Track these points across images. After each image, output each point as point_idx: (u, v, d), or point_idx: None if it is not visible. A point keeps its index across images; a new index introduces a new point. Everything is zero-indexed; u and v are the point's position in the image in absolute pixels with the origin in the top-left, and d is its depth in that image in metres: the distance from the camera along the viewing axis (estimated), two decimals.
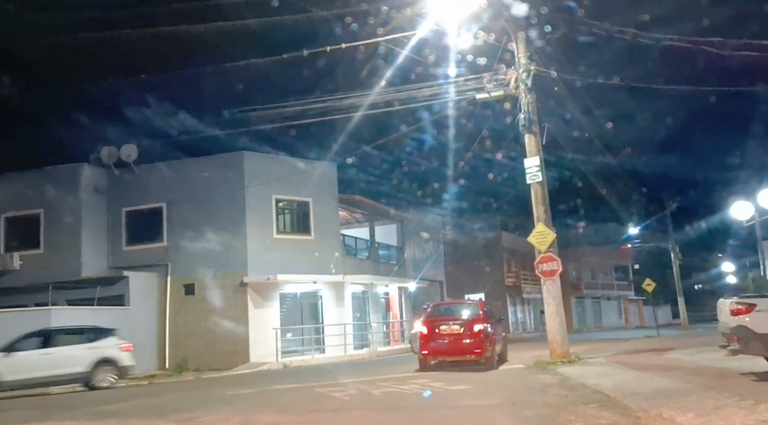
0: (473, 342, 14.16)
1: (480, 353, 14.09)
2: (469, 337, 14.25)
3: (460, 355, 14.50)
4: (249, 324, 21.30)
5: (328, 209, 24.03)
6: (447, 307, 17.32)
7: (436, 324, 14.75)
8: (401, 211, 28.97)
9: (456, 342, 14.38)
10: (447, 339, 14.42)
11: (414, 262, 30.13)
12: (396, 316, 28.35)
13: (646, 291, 30.42)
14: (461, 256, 41.93)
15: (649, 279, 30.46)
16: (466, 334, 14.30)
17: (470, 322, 14.49)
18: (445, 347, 14.47)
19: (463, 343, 14.30)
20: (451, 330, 14.49)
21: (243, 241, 21.66)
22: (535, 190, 14.68)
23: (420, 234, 31.40)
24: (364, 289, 25.71)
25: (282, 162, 23.13)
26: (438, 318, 15.22)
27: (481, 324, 14.37)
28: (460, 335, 14.37)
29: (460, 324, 14.58)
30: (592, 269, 57.90)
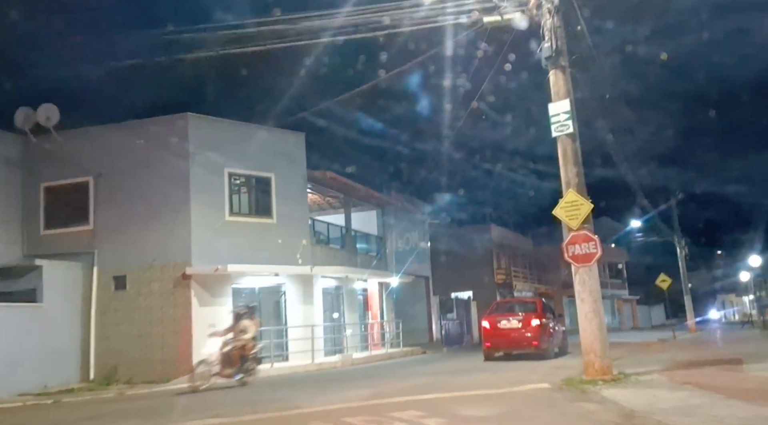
0: (531, 336, 16.28)
1: (537, 345, 16.20)
2: (527, 331, 16.33)
3: (519, 347, 16.58)
4: (193, 325, 17.20)
5: (295, 187, 20.00)
6: (507, 305, 19.05)
7: (497, 319, 16.98)
8: (382, 195, 24.98)
9: (515, 336, 16.48)
10: (507, 333, 16.54)
11: (397, 255, 26.19)
12: (376, 316, 24.39)
13: (660, 288, 26.78)
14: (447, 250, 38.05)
15: (664, 274, 26.82)
16: (525, 328, 16.38)
17: (528, 318, 16.54)
18: (506, 340, 16.67)
19: (522, 337, 16.37)
20: (511, 324, 16.63)
21: (186, 224, 17.55)
22: (564, 145, 10.81)
23: (403, 223, 27.44)
24: (337, 284, 21.71)
25: (238, 128, 19.03)
26: (498, 314, 17.29)
27: (538, 319, 16.50)
28: (519, 329, 16.46)
29: (518, 319, 16.65)
30: None
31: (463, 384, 11.58)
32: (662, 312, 65.48)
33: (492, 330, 16.91)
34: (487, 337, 17.12)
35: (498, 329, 16.78)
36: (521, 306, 17.92)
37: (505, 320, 16.83)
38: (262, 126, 19.56)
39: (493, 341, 16.95)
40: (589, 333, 10.29)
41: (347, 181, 21.76)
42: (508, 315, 17.09)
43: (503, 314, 17.30)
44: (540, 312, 17.05)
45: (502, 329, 16.69)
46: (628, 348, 19.43)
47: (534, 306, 17.58)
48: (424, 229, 29.82)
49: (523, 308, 17.56)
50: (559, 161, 10.84)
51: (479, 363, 17.80)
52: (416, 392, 10.12)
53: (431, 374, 14.31)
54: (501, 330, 16.71)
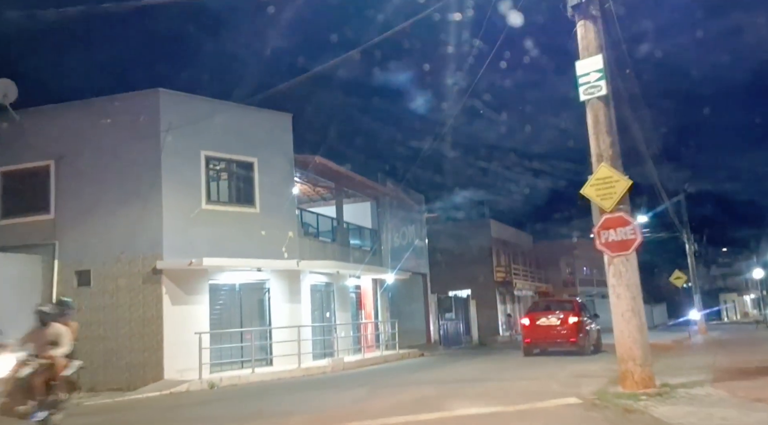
0: (569, 333, 17.17)
1: (574, 341, 17.13)
2: (565, 328, 17.23)
3: (557, 344, 17.48)
4: (164, 326, 15.34)
5: (280, 174, 18.14)
6: (545, 303, 20.26)
7: (536, 317, 18.00)
8: (377, 184, 23.12)
9: (554, 333, 17.36)
10: (546, 330, 17.44)
11: (392, 250, 24.35)
12: (370, 315, 22.56)
13: (675, 285, 25.02)
14: (445, 247, 36.28)
15: (679, 271, 25.05)
16: (563, 326, 17.29)
17: (566, 316, 17.47)
18: (545, 337, 17.53)
19: (560, 333, 17.28)
20: (550, 322, 17.54)
21: (157, 213, 15.68)
22: (595, 110, 8.99)
23: (399, 216, 25.60)
24: (327, 281, 19.86)
25: (216, 107, 17.15)
26: (538, 312, 18.45)
27: (575, 318, 17.42)
28: (557, 327, 17.39)
29: (557, 317, 17.57)
30: (587, 264, 52.65)
31: (470, 396, 9.77)
32: (664, 312, 63.87)
33: (531, 327, 17.93)
34: (527, 334, 18.15)
35: (537, 326, 17.79)
36: (559, 305, 19.02)
37: (544, 318, 17.85)
38: (243, 105, 17.68)
39: (532, 337, 17.95)
40: (626, 336, 8.47)
41: (339, 168, 19.90)
42: (547, 313, 18.15)
43: (542, 312, 18.42)
44: (577, 311, 18.11)
45: (542, 326, 17.70)
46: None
47: (571, 306, 18.73)
48: (421, 223, 27.99)
49: (561, 307, 18.64)
50: (589, 130, 9.02)
51: (484, 367, 16.04)
52: (413, 409, 8.31)
53: (431, 382, 12.49)
54: (540, 327, 17.72)
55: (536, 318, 18.04)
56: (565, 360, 16.02)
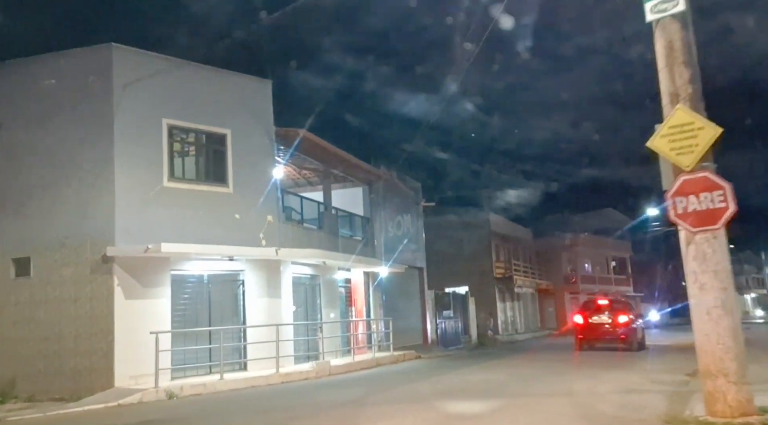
0: (620, 331, 18.36)
1: (625, 339, 18.33)
2: (616, 326, 18.40)
3: (609, 341, 18.49)
4: (115, 324, 12.89)
5: (258, 148, 15.70)
6: (595, 302, 20.46)
7: (589, 315, 19.20)
8: (370, 166, 20.70)
9: (606, 330, 18.56)
10: (598, 328, 18.65)
11: (386, 241, 21.97)
12: (361, 313, 20.16)
13: None
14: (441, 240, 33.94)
15: None
16: (614, 324, 18.46)
17: (617, 314, 18.71)
18: (597, 333, 18.72)
19: (611, 331, 18.45)
20: (602, 320, 18.76)
21: (109, 191, 13.22)
22: (668, 34, 6.59)
23: (395, 203, 23.21)
24: (312, 273, 17.46)
25: (182, 68, 14.66)
26: (590, 310, 19.44)
27: (626, 316, 18.71)
28: (609, 324, 18.55)
29: (608, 315, 18.75)
30: (589, 261, 50.45)
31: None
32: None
33: (585, 325, 19.06)
34: (580, 331, 19.26)
35: (590, 323, 18.96)
36: (610, 304, 19.79)
37: (596, 316, 19.04)
38: (214, 68, 15.22)
39: (585, 334, 19.02)
40: (714, 341, 6.11)
41: (326, 145, 17.45)
42: (598, 311, 19.31)
43: (594, 310, 19.51)
44: (627, 310, 19.54)
45: (594, 323, 18.90)
46: (677, 355, 15.38)
47: (622, 305, 20.13)
48: (417, 213, 25.62)
49: (612, 305, 19.59)
50: (659, 61, 6.64)
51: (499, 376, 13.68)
52: None
53: (433, 398, 10.06)
54: (593, 325, 18.93)
55: (589, 316, 19.21)
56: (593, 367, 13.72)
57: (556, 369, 14.05)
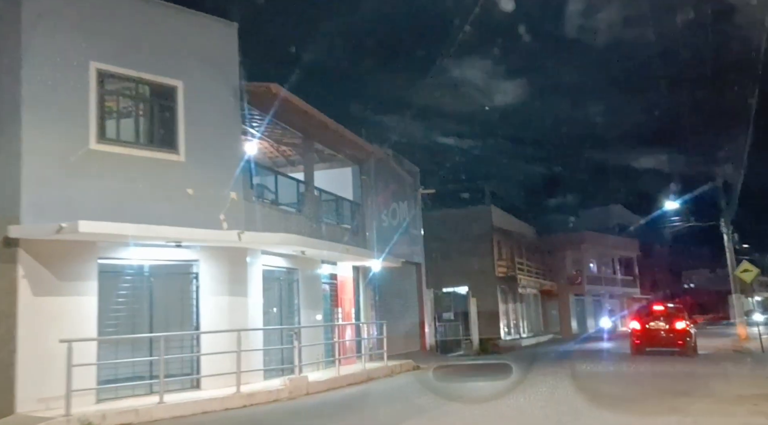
0: (677, 336, 18.72)
1: (682, 345, 18.57)
2: (673, 333, 18.80)
3: (666, 346, 18.90)
4: (18, 329, 9.64)
5: (219, 107, 12.47)
6: (649, 308, 21.43)
7: (646, 321, 19.55)
8: (361, 140, 17.48)
9: (663, 336, 18.90)
10: (655, 334, 18.98)
11: (380, 230, 18.78)
12: (349, 315, 16.94)
13: (743, 281, 19.61)
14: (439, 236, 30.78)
15: (749, 262, 19.58)
16: (671, 330, 18.87)
17: (673, 320, 19.17)
18: (654, 339, 19.01)
19: (668, 337, 18.83)
20: (659, 326, 19.13)
21: (14, 154, 9.97)
22: None
23: (390, 188, 20.02)
24: (289, 266, 14.20)
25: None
26: (646, 316, 19.97)
27: (682, 322, 19.12)
28: (666, 330, 18.93)
29: (665, 321, 19.22)
30: (595, 260, 47.38)
31: None
32: None
33: (642, 331, 19.20)
34: (638, 336, 19.35)
35: (647, 329, 19.10)
36: (664, 310, 20.42)
37: (653, 321, 19.25)
38: (165, 1, 11.97)
39: (642, 339, 19.13)
40: None
41: (308, 108, 14.19)
42: (655, 317, 19.59)
43: (650, 316, 19.79)
44: (683, 316, 19.64)
45: (651, 329, 19.06)
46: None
47: (677, 310, 20.47)
48: (415, 200, 22.47)
49: (669, 312, 20.06)
50: None
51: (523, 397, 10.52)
52: None
53: None
54: (650, 330, 19.04)
55: (646, 322, 19.40)
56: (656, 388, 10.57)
57: (607, 393, 10.88)
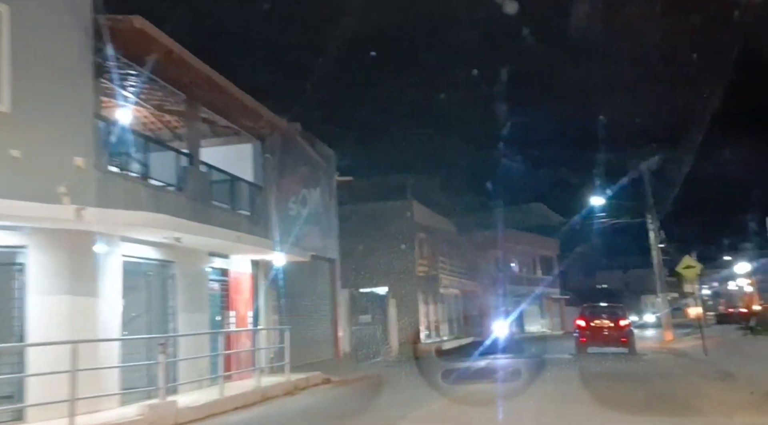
0: (621, 334, 19.71)
1: (625, 342, 19.56)
2: (617, 331, 19.76)
3: (610, 344, 19.70)
4: None
5: (62, 44, 9.39)
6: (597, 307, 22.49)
7: (590, 319, 20.38)
8: (265, 110, 14.59)
9: (607, 334, 19.80)
10: (599, 332, 19.81)
11: (286, 219, 15.98)
12: (245, 319, 14.02)
13: (687, 277, 18.00)
14: (356, 231, 28.29)
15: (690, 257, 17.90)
16: (615, 328, 19.81)
17: (618, 319, 20.30)
18: (599, 337, 19.78)
19: (612, 335, 19.70)
20: (603, 324, 20.04)
21: None
22: None
23: (299, 171, 17.26)
24: (163, 258, 11.19)
25: None
26: (591, 315, 20.69)
27: (625, 321, 20.44)
28: (610, 328, 19.83)
29: (609, 319, 20.27)
30: (517, 260, 46.21)
31: None
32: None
33: (587, 328, 19.87)
34: (583, 333, 19.83)
35: (592, 327, 19.89)
36: (608, 309, 21.41)
37: (598, 320, 20.07)
38: None
39: (588, 336, 19.68)
40: None
41: (188, 56, 11.18)
42: (600, 316, 20.45)
43: (595, 315, 20.53)
44: (626, 315, 20.97)
45: (596, 327, 19.88)
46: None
47: (621, 310, 21.46)
48: (330, 188, 19.80)
49: (612, 311, 21.07)
50: None
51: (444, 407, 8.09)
52: None
53: None
54: (594, 328, 19.88)
55: (591, 320, 20.11)
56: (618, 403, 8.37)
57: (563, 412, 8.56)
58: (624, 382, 12.24)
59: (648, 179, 28.57)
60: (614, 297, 63.60)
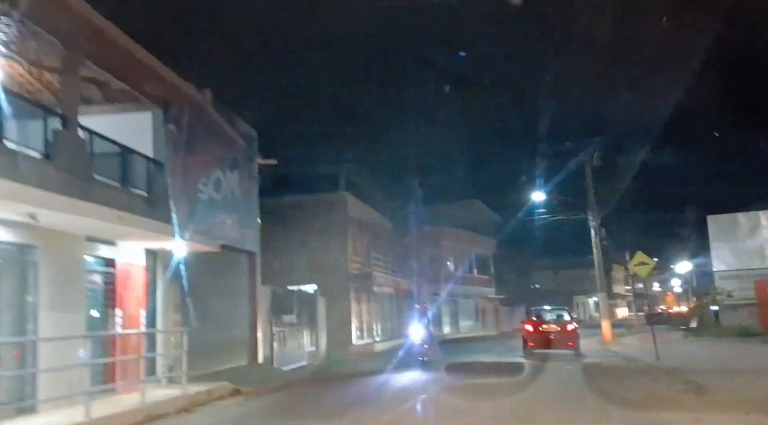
0: (568, 338, 19.70)
1: (572, 345, 19.55)
2: (564, 334, 19.80)
3: (557, 347, 19.71)
4: None
5: None
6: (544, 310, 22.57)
7: (538, 323, 20.69)
8: (170, 73, 12.29)
9: (554, 338, 19.76)
10: (547, 335, 19.86)
11: (194, 203, 13.72)
12: (136, 320, 11.68)
13: (639, 275, 16.66)
14: (280, 224, 26.11)
15: (644, 254, 16.45)
16: (563, 332, 19.89)
17: (565, 323, 20.48)
18: (546, 341, 19.75)
19: (560, 339, 19.72)
20: (551, 328, 20.16)
21: None
22: None
23: (212, 150, 15.00)
24: (19, 241, 8.82)
25: None
26: (539, 319, 21.10)
27: (572, 325, 20.61)
28: (557, 332, 19.90)
29: (556, 324, 20.45)
30: (453, 258, 44.82)
31: None
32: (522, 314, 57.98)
33: (535, 333, 20.12)
34: (531, 338, 20.13)
35: (540, 331, 20.06)
36: (556, 313, 21.80)
37: (545, 324, 20.43)
38: None
39: (536, 341, 19.93)
40: None
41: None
42: (547, 320, 20.91)
43: (543, 319, 21.05)
44: (572, 319, 21.61)
45: (544, 331, 20.02)
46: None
47: (566, 313, 21.91)
48: (251, 172, 17.59)
49: (558, 314, 21.50)
50: None
51: None
52: None
53: None
54: (542, 332, 20.00)
55: (539, 324, 20.26)
56: None
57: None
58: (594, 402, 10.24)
59: (590, 175, 27.66)
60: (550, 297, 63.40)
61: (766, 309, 23.98)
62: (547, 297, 59.17)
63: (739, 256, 26.37)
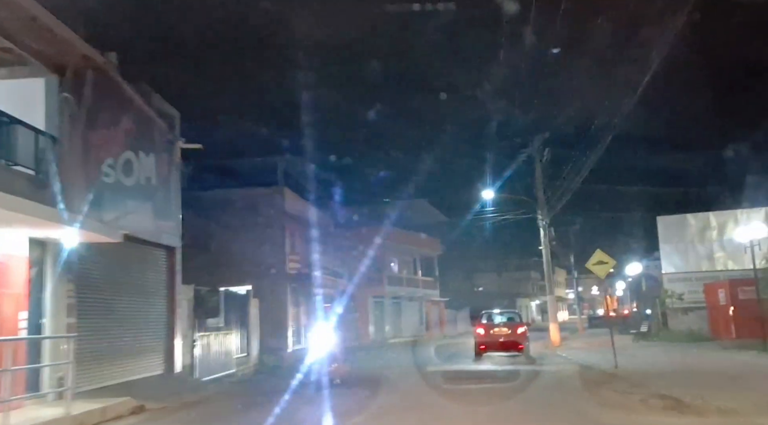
0: (517, 341, 20.15)
1: (521, 348, 20.05)
2: (515, 337, 20.21)
3: (507, 350, 20.23)
4: None
5: None
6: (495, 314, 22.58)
7: (489, 326, 21.10)
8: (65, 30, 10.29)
9: (505, 341, 20.23)
10: (497, 338, 20.38)
11: (97, 186, 11.70)
12: (12, 322, 9.64)
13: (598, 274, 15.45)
14: (210, 219, 24.14)
15: (603, 253, 15.17)
16: (513, 334, 20.28)
17: (515, 326, 20.79)
18: (496, 343, 20.34)
19: (510, 342, 20.17)
20: (501, 331, 20.60)
21: None
22: None
23: (122, 126, 12.98)
24: None
25: None
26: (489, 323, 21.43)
27: (522, 327, 20.88)
28: (507, 336, 20.30)
29: (507, 327, 20.78)
30: (397, 259, 43.42)
31: None
32: (467, 318, 56.88)
33: (486, 336, 20.55)
34: (482, 341, 20.52)
35: (491, 334, 20.53)
36: (506, 316, 22.33)
37: (496, 327, 20.80)
38: None
39: (487, 344, 20.41)
40: None
41: None
42: (498, 323, 21.21)
43: (493, 322, 21.37)
44: (522, 321, 22.18)
45: (495, 334, 20.49)
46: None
47: (517, 317, 22.67)
48: (171, 157, 15.59)
49: (509, 317, 22.14)
50: None
51: None
52: None
53: None
54: (494, 335, 20.45)
55: (490, 328, 20.80)
56: None
57: None
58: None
59: (539, 172, 26.69)
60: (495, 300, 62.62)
61: (715, 313, 23.38)
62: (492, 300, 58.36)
63: (687, 259, 25.83)
